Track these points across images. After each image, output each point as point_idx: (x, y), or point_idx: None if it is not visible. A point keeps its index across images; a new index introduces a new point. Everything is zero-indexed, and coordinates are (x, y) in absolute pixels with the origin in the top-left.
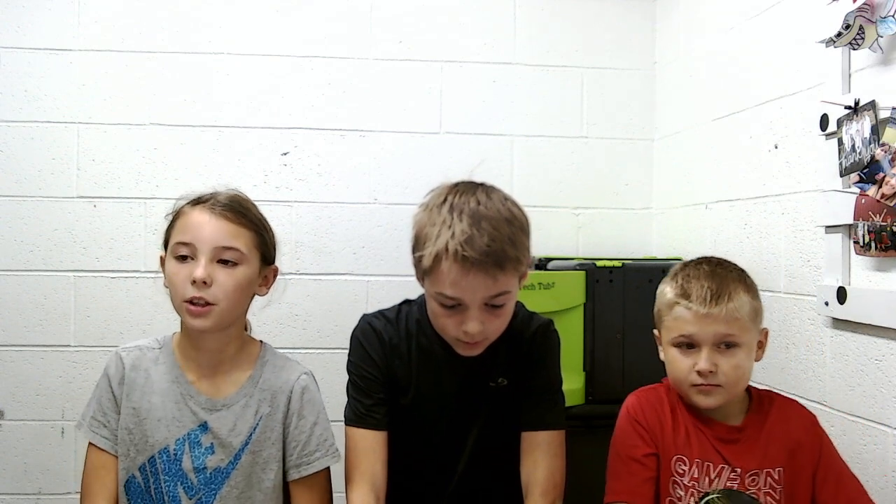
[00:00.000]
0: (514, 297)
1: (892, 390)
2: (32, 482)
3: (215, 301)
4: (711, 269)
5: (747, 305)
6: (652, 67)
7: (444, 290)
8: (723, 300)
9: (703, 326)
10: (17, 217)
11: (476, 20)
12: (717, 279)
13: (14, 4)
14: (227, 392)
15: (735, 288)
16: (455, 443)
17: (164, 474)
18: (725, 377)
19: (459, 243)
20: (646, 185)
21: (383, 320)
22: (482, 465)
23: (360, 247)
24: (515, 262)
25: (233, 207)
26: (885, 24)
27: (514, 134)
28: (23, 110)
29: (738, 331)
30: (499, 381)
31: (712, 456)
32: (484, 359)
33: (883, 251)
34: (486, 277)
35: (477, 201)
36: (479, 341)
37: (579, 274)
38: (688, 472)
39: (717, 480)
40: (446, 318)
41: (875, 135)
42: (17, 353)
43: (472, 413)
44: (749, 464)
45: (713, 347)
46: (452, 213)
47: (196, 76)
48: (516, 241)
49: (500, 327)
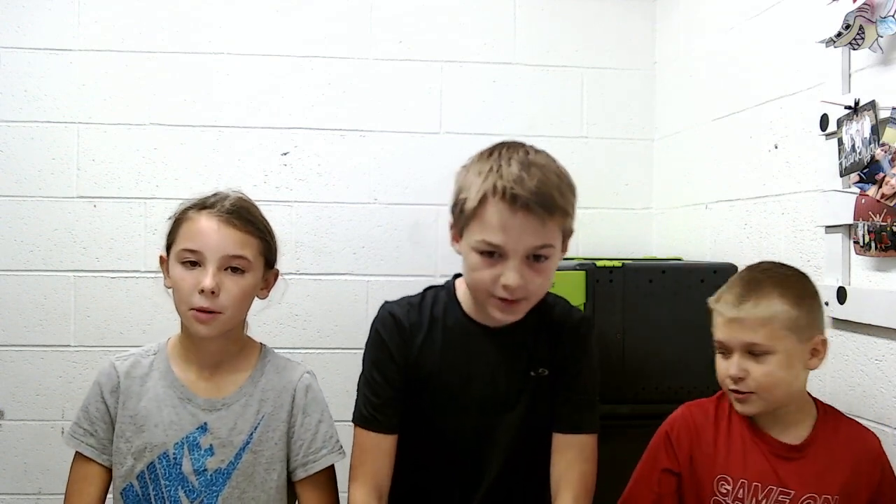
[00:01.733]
0: (557, 256)
1: (892, 390)
2: (32, 482)
3: (222, 310)
4: (751, 274)
5: (780, 311)
6: (652, 67)
7: (488, 236)
8: (747, 303)
9: (731, 332)
10: (17, 217)
11: (476, 20)
12: (752, 283)
13: (14, 4)
14: (226, 392)
15: (768, 292)
16: (487, 437)
17: (165, 479)
18: (757, 384)
19: (509, 181)
20: (646, 185)
21: (405, 306)
22: (515, 465)
23: (360, 247)
24: (563, 212)
25: (240, 214)
26: (885, 24)
27: (514, 134)
28: (23, 110)
29: (765, 339)
30: (540, 371)
31: (764, 475)
32: (525, 343)
33: (883, 251)
34: (534, 220)
35: (526, 152)
36: (518, 301)
37: (579, 274)
38: (731, 492)
39: (764, 502)
40: (485, 269)
41: (875, 135)
42: (17, 353)
43: (507, 404)
44: (804, 487)
45: (743, 353)
46: (500, 160)
47: (196, 76)
48: (564, 192)
49: (541, 287)
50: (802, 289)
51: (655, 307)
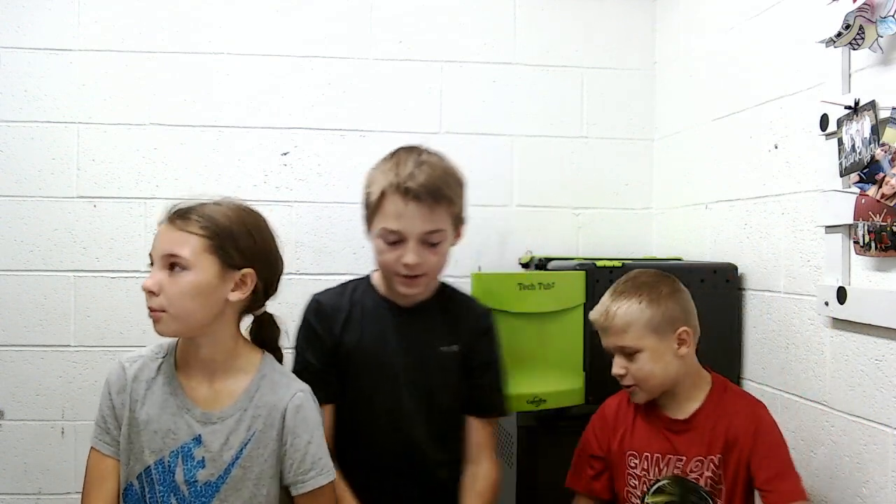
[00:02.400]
0: (448, 241)
1: (892, 390)
2: (32, 482)
3: (162, 308)
4: (616, 287)
5: (635, 315)
6: (652, 67)
7: (388, 224)
8: (607, 317)
9: (605, 339)
10: (17, 217)
11: (476, 20)
12: (614, 295)
13: (14, 4)
14: (222, 405)
15: (626, 302)
16: (407, 404)
17: (159, 484)
18: (634, 378)
19: (402, 178)
20: (646, 185)
21: (329, 294)
22: (433, 431)
23: (360, 247)
24: (449, 201)
25: (183, 213)
26: (885, 24)
27: (514, 134)
28: (23, 110)
29: (630, 341)
30: (449, 346)
31: (662, 447)
32: (433, 321)
33: (883, 251)
34: (424, 208)
35: (419, 153)
36: (418, 277)
37: (579, 274)
38: (639, 465)
39: (665, 469)
40: (389, 252)
41: (875, 135)
42: (17, 353)
43: (422, 373)
44: (691, 452)
45: (619, 355)
46: (398, 161)
47: (196, 76)
48: (450, 184)
49: (437, 264)
50: (657, 293)
51: None
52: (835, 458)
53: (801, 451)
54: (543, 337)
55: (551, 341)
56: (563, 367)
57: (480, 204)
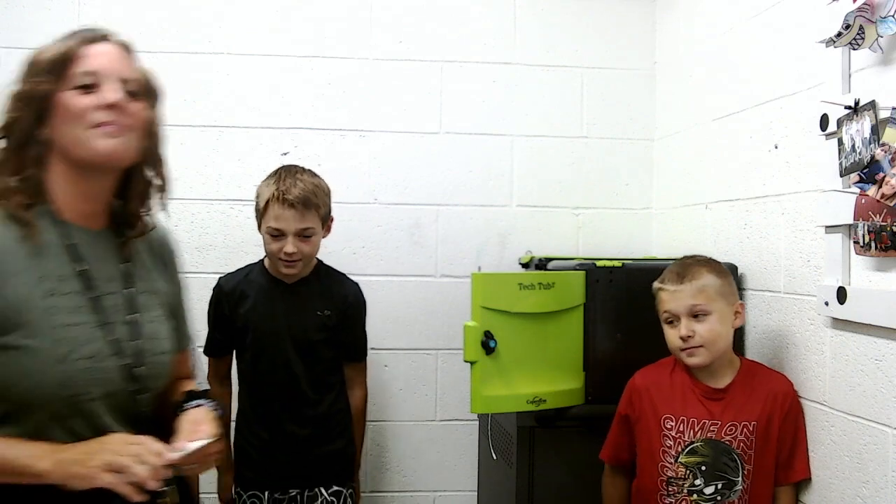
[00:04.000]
0: (318, 234)
1: (892, 390)
2: None
3: None
4: (681, 260)
5: (712, 282)
6: (652, 67)
7: (272, 224)
8: (686, 278)
9: (677, 301)
10: None
11: (476, 20)
12: (683, 265)
13: (14, 5)
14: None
15: (698, 269)
16: (294, 360)
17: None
18: (702, 338)
19: (282, 190)
20: (646, 185)
21: (228, 277)
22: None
23: (360, 247)
24: (317, 207)
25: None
26: (885, 24)
27: (514, 134)
28: None
29: (705, 301)
30: (325, 312)
31: (698, 412)
32: (311, 294)
33: (883, 251)
34: (298, 212)
35: (297, 172)
36: (296, 261)
37: (579, 274)
38: (674, 427)
39: (699, 432)
40: (274, 244)
41: (875, 135)
42: None
43: (307, 333)
44: (726, 417)
45: (688, 317)
46: (279, 177)
47: (196, 76)
48: (319, 195)
49: (309, 252)
50: (721, 267)
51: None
52: (835, 458)
53: None
54: (543, 337)
55: (551, 341)
56: (563, 367)
57: (480, 204)
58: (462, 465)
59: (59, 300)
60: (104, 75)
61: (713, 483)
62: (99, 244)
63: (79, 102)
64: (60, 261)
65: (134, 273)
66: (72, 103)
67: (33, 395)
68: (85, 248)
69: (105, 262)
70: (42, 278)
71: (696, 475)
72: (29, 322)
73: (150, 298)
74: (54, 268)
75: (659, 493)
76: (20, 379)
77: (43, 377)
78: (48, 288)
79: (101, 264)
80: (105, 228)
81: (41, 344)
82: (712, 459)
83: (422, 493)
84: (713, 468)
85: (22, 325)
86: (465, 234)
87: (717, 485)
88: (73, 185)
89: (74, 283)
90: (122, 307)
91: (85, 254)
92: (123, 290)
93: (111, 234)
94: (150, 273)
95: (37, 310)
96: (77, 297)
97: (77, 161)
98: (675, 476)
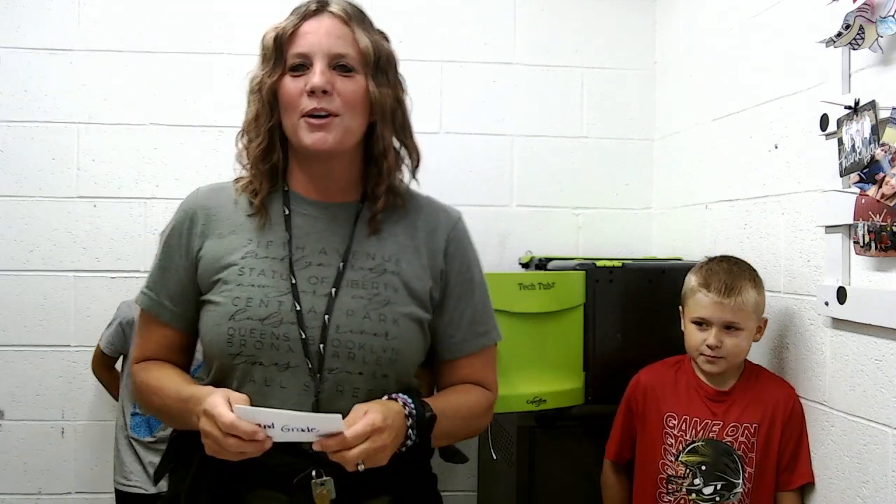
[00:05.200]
0: None
1: (892, 390)
2: (32, 482)
3: None
4: (729, 267)
5: (753, 299)
6: (652, 67)
7: None
8: (734, 293)
9: (716, 312)
10: (17, 217)
11: (476, 20)
12: (732, 275)
13: (14, 4)
14: None
15: (745, 285)
16: None
17: None
18: (728, 352)
19: None
20: (646, 185)
21: None
22: None
23: None
24: None
25: None
26: (885, 24)
27: (514, 134)
28: (23, 110)
29: (742, 319)
30: None
31: (701, 412)
32: None
33: (883, 251)
34: None
35: None
36: None
37: (579, 274)
38: (677, 425)
39: (701, 432)
40: None
41: (875, 135)
42: (17, 353)
43: None
44: (729, 418)
45: (721, 329)
46: None
47: (196, 76)
48: None
49: None
50: (760, 280)
51: (655, 307)
52: (835, 458)
53: None
54: (543, 337)
55: (551, 341)
56: (563, 367)
57: (480, 204)
58: (462, 465)
59: (254, 262)
60: (313, 55)
61: (712, 483)
62: (329, 216)
63: (291, 89)
64: (276, 229)
65: (365, 250)
66: (286, 90)
67: (210, 349)
68: (304, 219)
69: (330, 234)
70: (251, 241)
71: (696, 474)
72: (224, 279)
73: (381, 279)
74: (266, 234)
75: (658, 491)
76: (204, 333)
77: (217, 331)
78: (250, 250)
79: (321, 235)
80: (351, 202)
81: (223, 299)
82: (713, 459)
83: None
84: (713, 468)
85: (221, 281)
86: None
87: (716, 485)
88: (307, 167)
89: (278, 250)
90: (328, 280)
91: (301, 223)
92: (340, 263)
93: (356, 209)
94: (400, 254)
95: (234, 267)
96: (274, 262)
97: (298, 148)
98: (675, 475)
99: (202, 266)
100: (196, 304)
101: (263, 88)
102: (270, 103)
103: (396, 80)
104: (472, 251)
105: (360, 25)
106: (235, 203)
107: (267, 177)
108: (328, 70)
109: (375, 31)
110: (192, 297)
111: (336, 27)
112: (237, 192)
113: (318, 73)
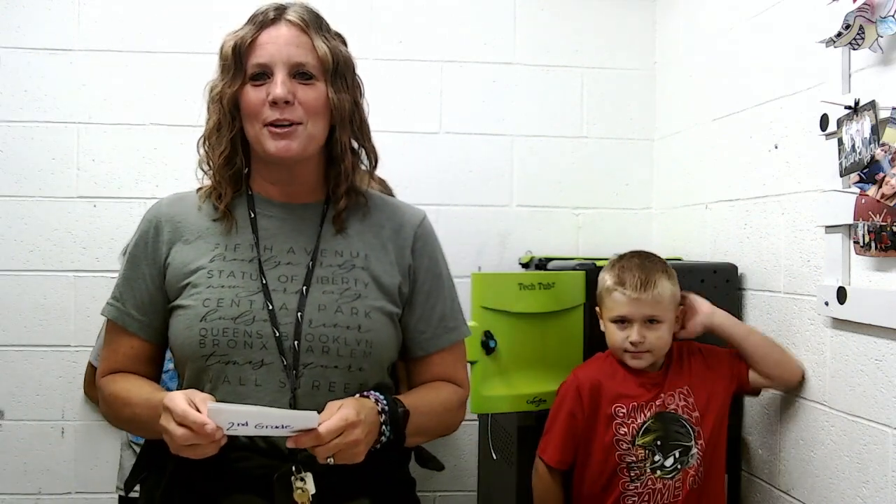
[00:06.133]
0: None
1: (892, 390)
2: (32, 482)
3: None
4: (641, 262)
5: (668, 290)
6: (652, 67)
7: None
8: (650, 287)
9: (635, 308)
10: (17, 217)
11: (476, 20)
12: (645, 270)
13: (14, 4)
14: None
15: (659, 277)
16: None
17: None
18: (651, 345)
19: None
20: (646, 185)
21: None
22: None
23: None
24: None
25: None
26: (885, 24)
27: (514, 134)
28: (23, 110)
29: (660, 311)
30: None
31: (643, 395)
32: None
33: (883, 251)
34: None
35: None
36: None
37: (579, 274)
38: (627, 413)
39: (648, 412)
40: None
41: (875, 135)
42: (17, 353)
43: None
44: (666, 388)
45: (643, 324)
46: None
47: (196, 76)
48: None
49: None
50: (672, 271)
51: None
52: (835, 458)
53: (801, 451)
54: (543, 337)
55: (551, 341)
56: (563, 367)
57: (480, 204)
58: (462, 464)
59: (223, 264)
60: (273, 64)
61: (671, 454)
62: (296, 217)
63: (253, 99)
64: (243, 232)
65: (333, 248)
66: (247, 100)
67: (182, 352)
68: (271, 220)
69: (297, 234)
70: (218, 245)
71: (655, 451)
72: (193, 283)
73: (350, 274)
74: (233, 237)
75: (621, 480)
76: (175, 337)
77: (188, 333)
78: (218, 253)
79: (288, 236)
80: (316, 202)
81: (194, 302)
82: (664, 432)
83: (422, 492)
84: (667, 440)
85: (190, 284)
86: (465, 234)
87: (675, 454)
88: (271, 171)
89: (246, 252)
90: (298, 278)
91: (268, 225)
92: (309, 262)
93: (322, 209)
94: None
95: (202, 271)
96: (243, 264)
97: (263, 156)
98: (635, 460)
99: (170, 273)
100: (164, 314)
101: (224, 98)
102: (231, 112)
103: (354, 84)
104: (438, 248)
105: (318, 32)
106: (199, 209)
107: (230, 182)
108: (289, 79)
109: (333, 36)
110: (159, 306)
111: (294, 36)
112: (200, 199)
113: (280, 83)
